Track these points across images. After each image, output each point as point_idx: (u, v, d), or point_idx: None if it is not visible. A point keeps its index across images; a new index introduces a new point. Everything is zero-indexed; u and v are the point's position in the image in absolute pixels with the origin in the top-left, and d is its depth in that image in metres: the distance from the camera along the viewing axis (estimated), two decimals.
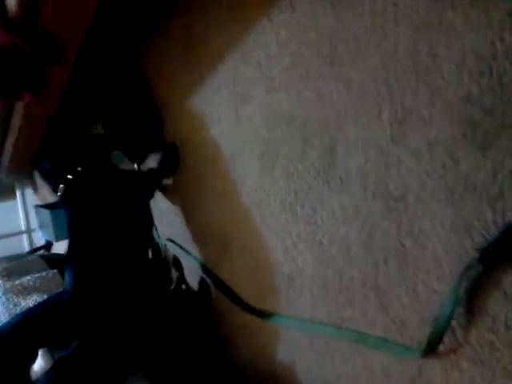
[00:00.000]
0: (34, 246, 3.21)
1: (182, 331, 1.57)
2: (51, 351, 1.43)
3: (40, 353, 1.40)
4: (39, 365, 1.39)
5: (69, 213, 1.51)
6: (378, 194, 0.88)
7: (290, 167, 1.07)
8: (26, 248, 3.29)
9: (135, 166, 1.66)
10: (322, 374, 1.15)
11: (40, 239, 3.19)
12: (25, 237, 3.29)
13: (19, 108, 1.11)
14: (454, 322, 0.81)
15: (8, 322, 1.77)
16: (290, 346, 1.23)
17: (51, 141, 1.43)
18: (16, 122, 1.15)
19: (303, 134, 1.02)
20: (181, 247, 1.58)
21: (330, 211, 1.00)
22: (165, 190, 1.65)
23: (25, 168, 1.46)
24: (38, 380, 1.38)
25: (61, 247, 2.51)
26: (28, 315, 1.72)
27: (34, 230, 3.28)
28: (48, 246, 3.02)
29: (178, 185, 1.57)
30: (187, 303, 1.59)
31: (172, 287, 1.63)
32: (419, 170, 0.80)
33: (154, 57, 1.52)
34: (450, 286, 0.80)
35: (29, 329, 1.59)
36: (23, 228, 3.26)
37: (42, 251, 2.90)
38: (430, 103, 0.75)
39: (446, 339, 0.84)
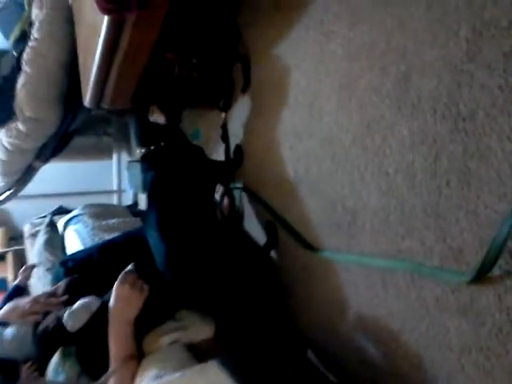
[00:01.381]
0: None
1: (248, 276, 1.63)
2: None
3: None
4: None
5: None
6: (448, 115, 0.89)
7: (365, 99, 1.10)
8: None
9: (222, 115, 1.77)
10: (374, 311, 1.17)
11: (128, 200, 3.46)
12: (115, 196, 3.56)
13: (127, 31, 1.24)
14: (511, 243, 0.81)
15: (93, 246, 1.96)
16: (347, 285, 1.25)
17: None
18: (123, 45, 1.28)
19: (381, 63, 1.05)
20: (251, 194, 1.65)
21: (399, 139, 1.02)
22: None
23: (125, 102, 1.61)
24: None
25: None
26: (111, 242, 1.90)
27: (123, 191, 3.54)
28: (135, 205, 3.29)
29: (253, 130, 1.65)
30: (255, 250, 1.64)
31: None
32: (492, 84, 0.81)
33: (247, 12, 1.62)
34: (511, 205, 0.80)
35: (109, 253, 1.75)
36: (115, 188, 3.54)
37: None
38: (510, 9, 0.76)
39: (502, 262, 0.83)
